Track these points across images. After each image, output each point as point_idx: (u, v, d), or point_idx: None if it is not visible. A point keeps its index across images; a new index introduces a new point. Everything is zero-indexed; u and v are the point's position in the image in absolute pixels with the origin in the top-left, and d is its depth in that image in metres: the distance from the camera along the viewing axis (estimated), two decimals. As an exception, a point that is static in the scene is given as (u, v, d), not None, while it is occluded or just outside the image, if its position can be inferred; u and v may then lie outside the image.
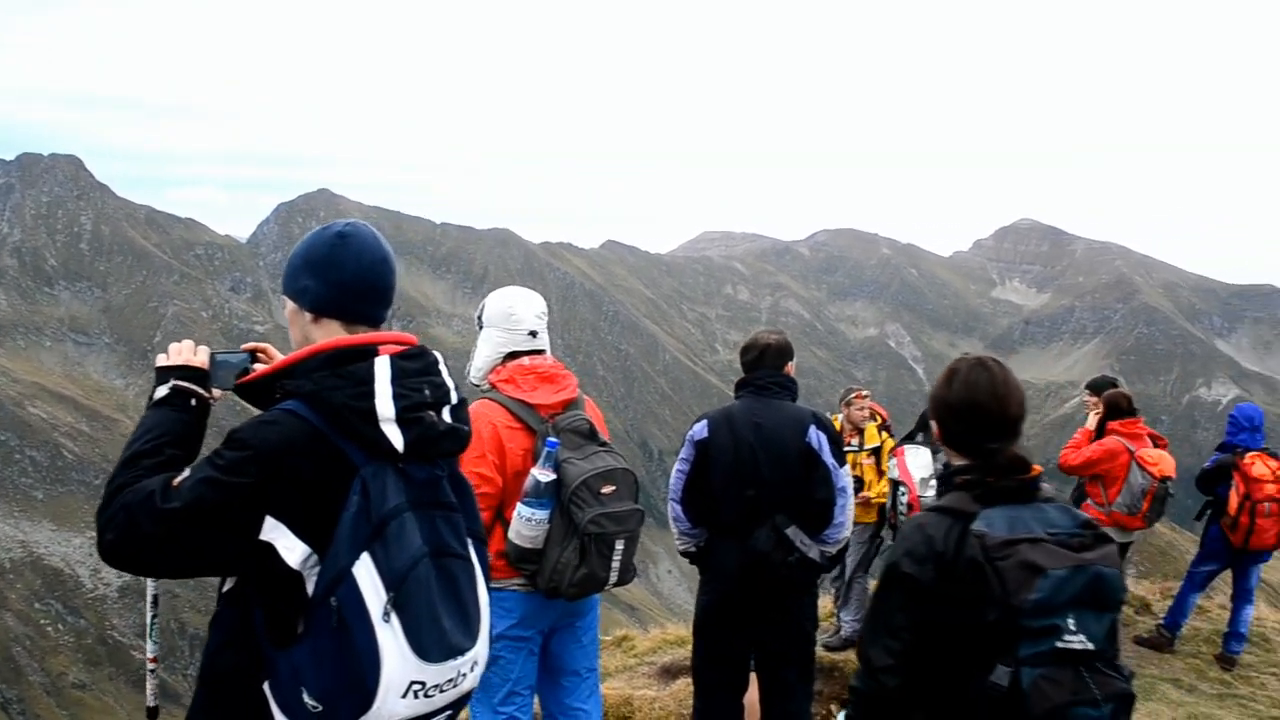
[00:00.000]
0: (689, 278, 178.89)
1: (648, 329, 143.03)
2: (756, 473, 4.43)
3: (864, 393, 7.89)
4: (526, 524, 3.66)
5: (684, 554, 4.75)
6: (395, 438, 2.09)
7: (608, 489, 3.73)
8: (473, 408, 3.85)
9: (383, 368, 2.15)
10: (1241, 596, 8.01)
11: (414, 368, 2.21)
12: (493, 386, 3.96)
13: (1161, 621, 8.42)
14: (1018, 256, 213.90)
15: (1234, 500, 7.62)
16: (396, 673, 1.95)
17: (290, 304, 2.37)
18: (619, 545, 3.74)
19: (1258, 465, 7.64)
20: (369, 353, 2.18)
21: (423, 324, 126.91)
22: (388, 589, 1.96)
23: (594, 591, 3.83)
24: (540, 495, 3.64)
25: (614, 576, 3.78)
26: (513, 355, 4.03)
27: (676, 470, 4.64)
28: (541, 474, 3.64)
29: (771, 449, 4.46)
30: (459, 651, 2.09)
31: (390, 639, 1.95)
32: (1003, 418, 2.55)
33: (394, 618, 1.96)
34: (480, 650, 2.20)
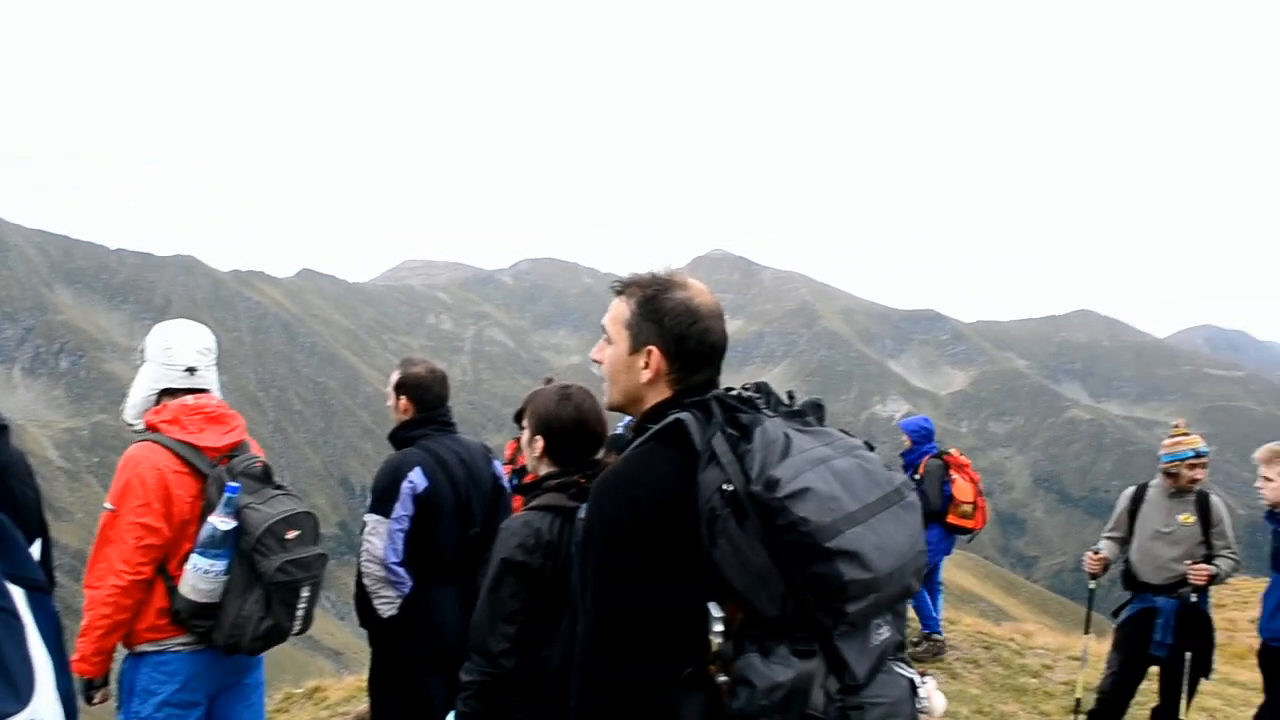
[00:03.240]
0: (390, 307, 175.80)
1: (347, 360, 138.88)
2: (471, 511, 4.38)
3: None
4: (203, 577, 3.39)
5: (389, 618, 4.33)
6: None
7: (292, 534, 3.54)
8: (133, 452, 3.59)
9: None
10: (936, 587, 8.94)
11: None
12: (153, 428, 3.63)
13: (925, 631, 8.97)
14: (711, 285, 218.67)
15: (969, 490, 8.60)
16: None
17: None
18: (304, 593, 3.58)
19: (959, 457, 8.79)
20: None
21: (96, 358, 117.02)
22: None
23: (277, 643, 3.60)
24: (218, 545, 3.40)
25: (298, 626, 3.60)
26: (170, 393, 3.73)
27: (394, 529, 4.26)
28: (221, 522, 3.40)
29: (478, 485, 4.45)
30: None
31: None
32: (601, 435, 3.11)
33: None
34: (40, 711, 1.67)
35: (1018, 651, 9.50)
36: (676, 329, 2.06)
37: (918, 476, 8.73)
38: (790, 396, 2.10)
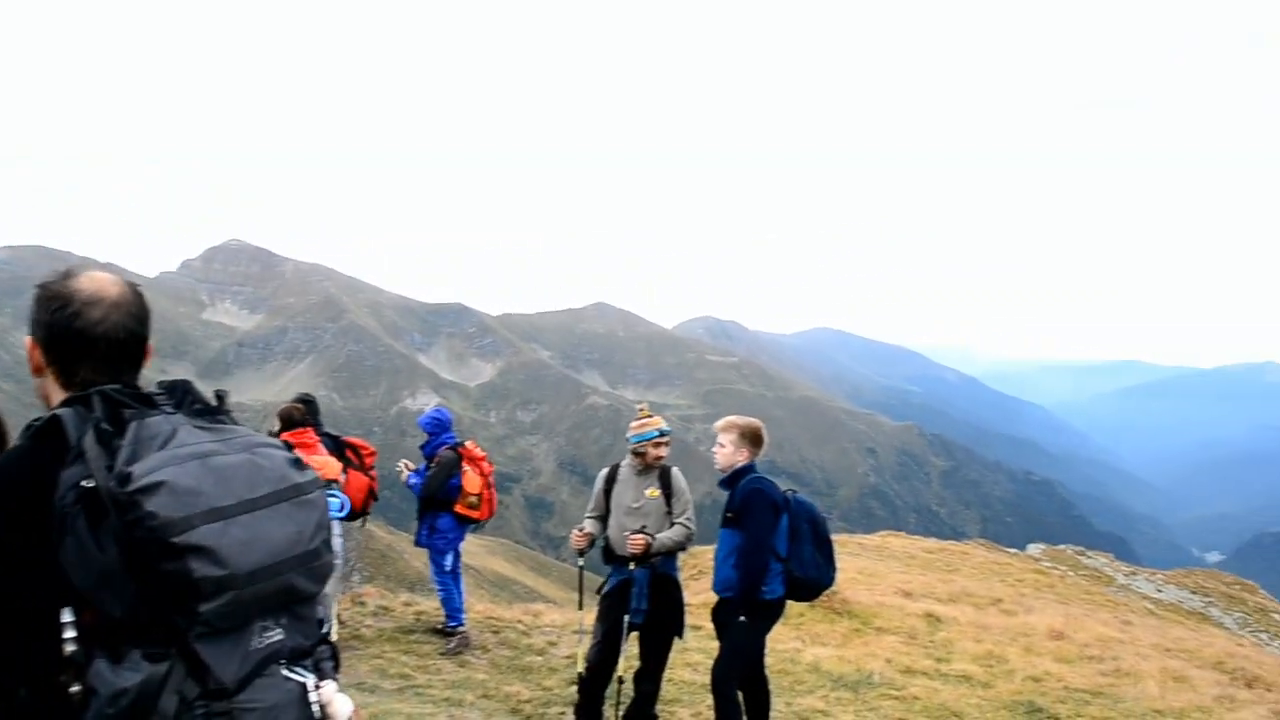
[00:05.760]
0: None
1: None
2: None
3: None
4: None
5: None
6: None
7: None
8: None
9: None
10: (459, 576, 9.05)
11: None
12: None
13: (450, 625, 9.05)
14: (228, 278, 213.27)
15: (478, 482, 8.80)
16: None
17: None
18: None
19: (474, 450, 8.98)
20: None
21: None
22: None
23: None
24: None
25: None
26: None
27: None
28: None
29: None
30: None
31: None
32: None
33: None
34: None
35: (525, 632, 9.82)
36: (44, 316, 1.94)
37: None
38: (219, 397, 2.03)
